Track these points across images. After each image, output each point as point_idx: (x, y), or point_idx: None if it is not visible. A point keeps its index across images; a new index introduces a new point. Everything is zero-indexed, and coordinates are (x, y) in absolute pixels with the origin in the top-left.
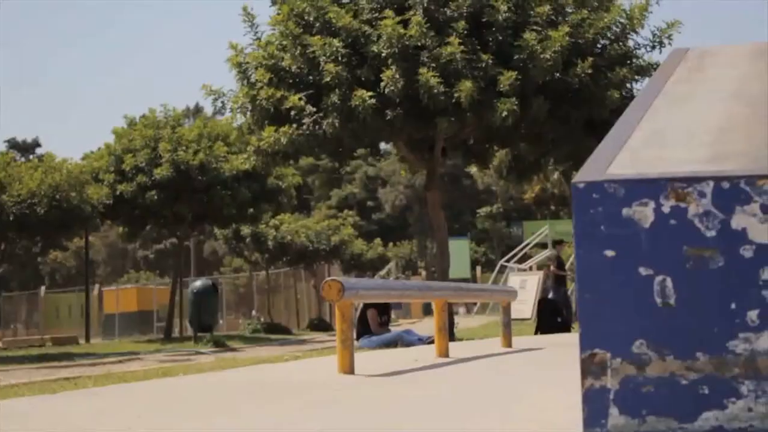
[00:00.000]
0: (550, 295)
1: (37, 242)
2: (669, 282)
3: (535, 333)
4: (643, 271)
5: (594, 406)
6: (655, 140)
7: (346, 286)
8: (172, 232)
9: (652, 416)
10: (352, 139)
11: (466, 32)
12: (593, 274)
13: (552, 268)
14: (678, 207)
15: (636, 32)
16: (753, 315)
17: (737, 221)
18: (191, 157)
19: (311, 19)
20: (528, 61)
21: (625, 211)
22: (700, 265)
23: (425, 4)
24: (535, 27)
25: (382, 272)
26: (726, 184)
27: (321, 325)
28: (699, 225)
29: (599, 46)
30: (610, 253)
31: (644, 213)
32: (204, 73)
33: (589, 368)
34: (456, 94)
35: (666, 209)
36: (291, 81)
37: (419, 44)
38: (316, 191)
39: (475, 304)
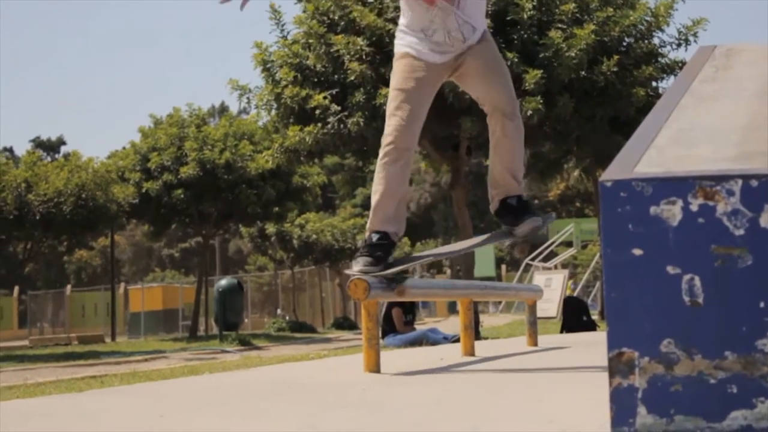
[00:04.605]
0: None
1: (63, 241)
2: (697, 281)
3: (561, 332)
4: (670, 269)
5: (622, 405)
6: (682, 139)
7: (372, 285)
8: (197, 230)
9: (680, 415)
10: (376, 138)
11: (491, 30)
12: (621, 273)
13: None
14: (706, 205)
15: (662, 30)
16: None
17: (766, 219)
18: (217, 155)
19: (335, 17)
20: (553, 60)
21: (652, 210)
22: (729, 263)
23: None
24: (560, 25)
25: None
26: (755, 183)
27: (346, 323)
28: (727, 223)
29: (624, 44)
30: (637, 251)
31: (672, 211)
32: (230, 72)
33: (617, 367)
34: None
35: (694, 208)
36: (316, 80)
37: None
38: (340, 190)
39: (500, 302)
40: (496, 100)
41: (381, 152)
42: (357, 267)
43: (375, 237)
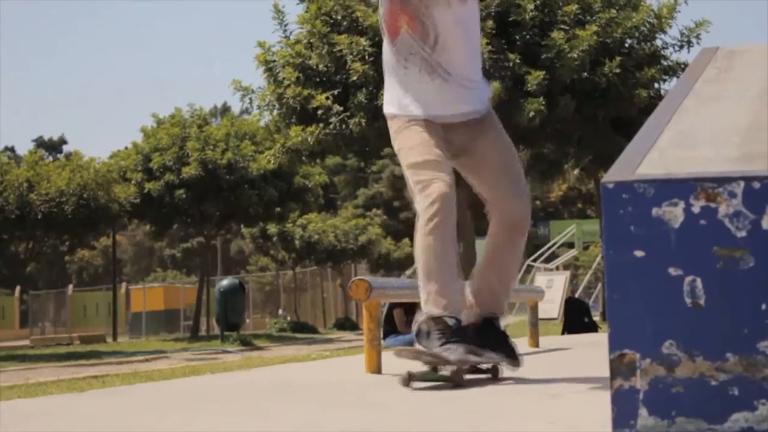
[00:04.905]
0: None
1: (65, 241)
2: (699, 282)
3: (562, 333)
4: (672, 271)
5: (623, 406)
6: (684, 140)
7: (374, 286)
8: (199, 230)
9: (681, 417)
10: (378, 138)
11: (493, 31)
12: (622, 275)
13: None
14: (708, 207)
15: (664, 32)
16: None
17: None
18: (219, 155)
19: (338, 17)
20: (555, 61)
21: (654, 211)
22: (731, 265)
23: None
24: (562, 26)
25: (408, 272)
26: (757, 185)
27: (347, 324)
28: (729, 225)
29: (627, 45)
30: (639, 253)
31: (674, 213)
32: (232, 72)
33: (618, 369)
34: None
35: (696, 209)
36: (318, 80)
37: None
38: (342, 190)
39: None
40: (509, 207)
41: (426, 224)
42: (459, 356)
43: (452, 321)
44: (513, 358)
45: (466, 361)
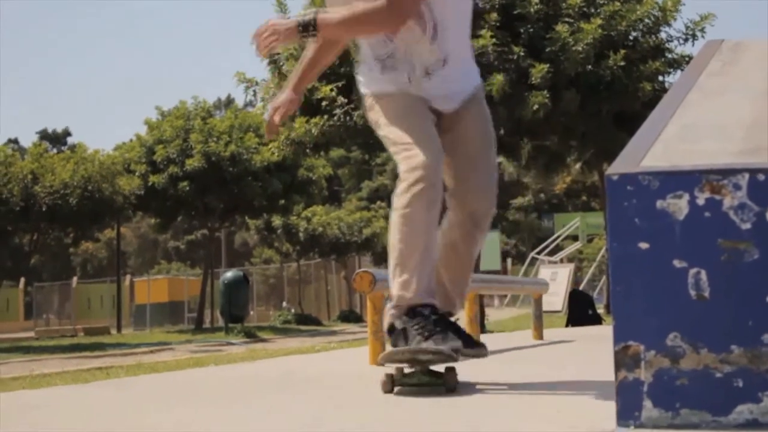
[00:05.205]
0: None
1: (69, 233)
2: (703, 275)
3: (567, 325)
4: (677, 263)
5: (628, 398)
6: (688, 133)
7: (378, 278)
8: (203, 223)
9: (685, 409)
10: None
11: (497, 24)
12: (627, 267)
13: None
14: (713, 199)
15: (669, 25)
16: None
17: None
18: (222, 148)
19: None
20: (560, 54)
21: (659, 204)
22: (735, 257)
23: None
24: (567, 19)
25: None
26: (761, 177)
27: (351, 316)
28: (734, 217)
29: (631, 38)
30: (643, 245)
31: (678, 205)
32: (236, 64)
33: (623, 361)
34: (487, 87)
35: (701, 201)
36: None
37: None
38: (346, 183)
39: (505, 296)
40: (475, 201)
41: (406, 191)
42: (443, 346)
43: (427, 311)
44: (479, 347)
45: (459, 349)
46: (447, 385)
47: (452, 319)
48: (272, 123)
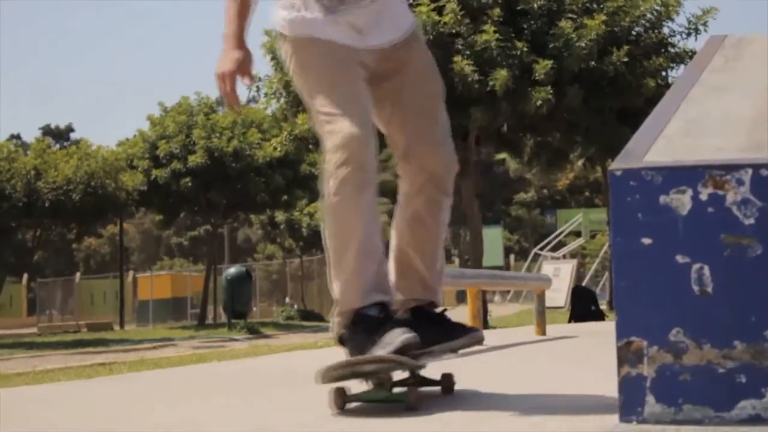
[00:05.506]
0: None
1: (72, 229)
2: (706, 270)
3: (569, 321)
4: (680, 259)
5: (630, 394)
6: (691, 129)
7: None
8: (206, 219)
9: (688, 405)
10: None
11: (501, 20)
12: (630, 262)
13: None
14: (716, 195)
15: (671, 19)
16: None
17: None
18: (225, 143)
19: None
20: (563, 50)
21: (662, 199)
22: (738, 253)
23: None
24: (570, 15)
25: None
26: (765, 172)
27: None
28: (737, 213)
29: (634, 33)
30: (647, 240)
31: (682, 201)
32: None
33: (626, 356)
34: (491, 83)
35: (704, 197)
36: None
37: (454, 32)
38: None
39: (508, 292)
40: (434, 159)
41: (333, 176)
42: (390, 348)
43: (374, 311)
44: (470, 332)
45: (410, 347)
46: (407, 403)
47: (439, 309)
48: (232, 94)
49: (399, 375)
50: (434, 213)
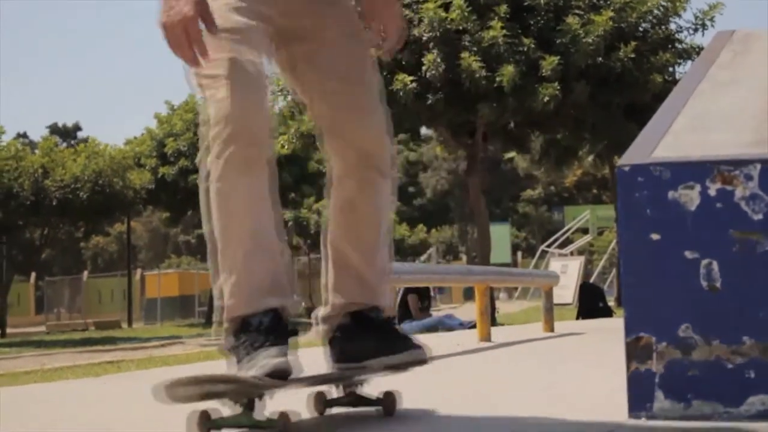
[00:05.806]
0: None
1: (80, 227)
2: (715, 265)
3: (577, 318)
4: (688, 254)
5: (639, 390)
6: (699, 124)
7: None
8: None
9: (697, 400)
10: (392, 124)
11: (507, 16)
12: (638, 258)
13: None
14: (724, 190)
15: (678, 15)
16: None
17: None
18: None
19: None
20: (570, 46)
21: (670, 194)
22: (747, 248)
23: None
24: (577, 11)
25: (423, 257)
26: None
27: None
28: (746, 208)
29: (641, 29)
30: (655, 236)
31: (690, 196)
32: None
33: (635, 352)
34: (498, 79)
35: (712, 192)
36: None
37: (461, 28)
38: None
39: (515, 289)
40: (365, 133)
41: (217, 156)
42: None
43: (257, 320)
44: (413, 348)
45: (279, 374)
46: (278, 428)
47: (377, 312)
48: (201, 44)
49: (334, 393)
50: (369, 197)
